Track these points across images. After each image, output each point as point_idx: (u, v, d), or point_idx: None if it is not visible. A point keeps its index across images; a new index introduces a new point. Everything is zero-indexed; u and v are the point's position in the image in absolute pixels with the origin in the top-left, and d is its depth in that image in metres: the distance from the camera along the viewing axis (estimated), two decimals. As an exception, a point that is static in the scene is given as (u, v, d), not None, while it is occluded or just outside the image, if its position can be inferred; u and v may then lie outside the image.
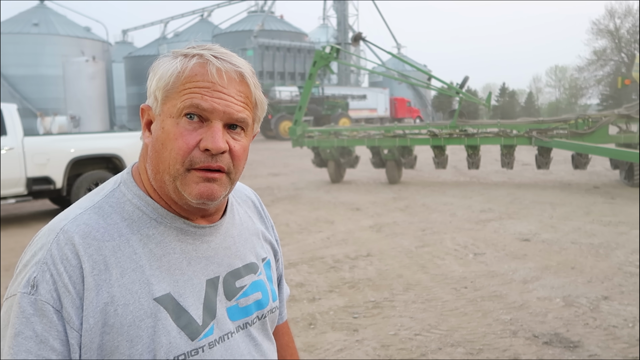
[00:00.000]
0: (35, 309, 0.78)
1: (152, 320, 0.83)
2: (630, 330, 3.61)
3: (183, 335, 0.85)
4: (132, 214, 0.88)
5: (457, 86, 13.36)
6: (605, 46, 43.04)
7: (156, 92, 0.87)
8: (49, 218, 8.81)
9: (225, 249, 0.97)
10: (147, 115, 0.91)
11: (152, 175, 0.89)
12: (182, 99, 0.84)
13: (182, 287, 0.88)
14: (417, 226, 7.14)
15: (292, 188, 11.31)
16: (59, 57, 37.44)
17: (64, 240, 0.82)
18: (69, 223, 0.84)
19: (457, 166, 13.81)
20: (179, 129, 0.84)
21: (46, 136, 11.42)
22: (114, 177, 0.96)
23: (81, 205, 0.89)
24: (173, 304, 0.85)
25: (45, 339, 0.77)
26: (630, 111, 10.14)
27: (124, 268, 0.83)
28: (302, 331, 3.82)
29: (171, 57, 0.89)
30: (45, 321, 0.78)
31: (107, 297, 0.81)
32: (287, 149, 15.62)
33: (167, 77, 0.86)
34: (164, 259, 0.87)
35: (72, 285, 0.79)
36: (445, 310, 4.12)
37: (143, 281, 0.84)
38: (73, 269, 0.80)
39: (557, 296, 4.32)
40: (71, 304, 0.79)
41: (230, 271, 0.96)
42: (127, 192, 0.90)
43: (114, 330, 0.80)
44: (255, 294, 0.99)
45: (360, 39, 13.59)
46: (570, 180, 11.17)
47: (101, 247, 0.83)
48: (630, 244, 5.84)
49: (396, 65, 34.07)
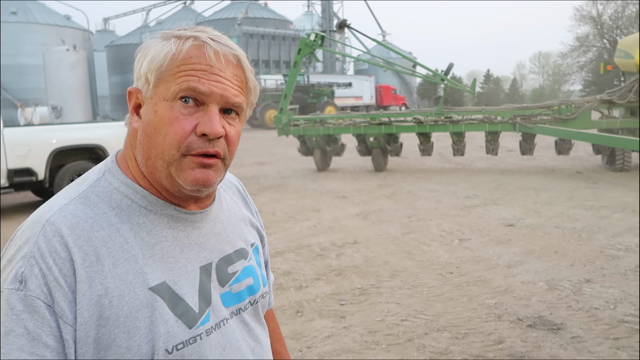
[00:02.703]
0: (25, 305, 0.75)
1: (148, 310, 0.81)
2: (611, 312, 3.69)
3: (180, 323, 0.83)
4: (121, 202, 0.86)
5: (442, 73, 13.38)
6: (588, 32, 43.38)
7: (148, 74, 0.84)
8: (31, 210, 8.69)
9: (215, 235, 0.95)
10: (134, 98, 0.88)
11: (142, 161, 0.86)
12: (178, 81, 0.81)
13: (177, 275, 0.86)
14: (403, 213, 7.18)
15: (278, 177, 11.29)
16: (39, 46, 36.68)
17: (51, 232, 0.78)
18: (55, 214, 0.81)
19: (443, 153, 13.89)
20: (173, 112, 0.82)
21: (27, 127, 11.23)
22: (97, 166, 0.92)
23: (65, 195, 0.86)
24: (169, 292, 0.84)
25: (38, 336, 0.74)
26: (612, 97, 10.26)
27: (116, 258, 0.81)
28: (290, 319, 3.83)
29: (162, 38, 0.85)
30: (36, 317, 0.75)
31: (101, 288, 0.78)
32: (272, 138, 15.57)
33: (160, 59, 0.83)
34: (157, 247, 0.85)
35: (63, 279, 0.76)
36: (431, 296, 4.16)
37: (137, 271, 0.82)
38: (63, 262, 0.77)
39: (541, 280, 4.39)
40: (63, 298, 0.76)
41: (222, 257, 0.95)
42: (114, 181, 0.87)
43: (109, 322, 0.78)
44: (247, 280, 0.98)
45: (344, 26, 13.51)
46: (554, 166, 11.30)
47: (91, 237, 0.80)
48: (611, 228, 5.94)
49: (381, 53, 34.02)
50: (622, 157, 9.98)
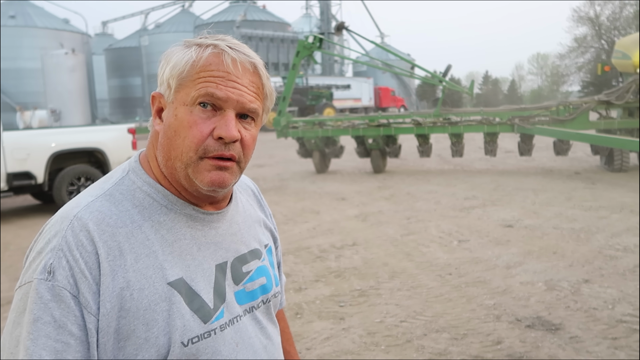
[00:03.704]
0: (52, 295, 0.79)
1: (166, 304, 0.85)
2: (609, 312, 3.70)
3: (196, 318, 0.87)
4: (143, 201, 0.90)
5: (440, 75, 13.41)
6: (585, 33, 43.48)
7: (170, 79, 0.88)
8: (30, 213, 8.71)
9: (231, 235, 0.99)
10: (157, 102, 0.93)
11: (162, 162, 0.91)
12: (197, 87, 0.86)
13: (194, 271, 0.90)
14: (402, 214, 7.19)
15: (278, 179, 11.30)
16: (38, 49, 36.75)
17: (78, 227, 0.83)
18: (82, 210, 0.85)
19: (441, 154, 13.91)
20: (192, 117, 0.86)
21: (26, 131, 11.24)
22: (121, 165, 0.97)
23: (91, 193, 0.90)
24: (186, 288, 0.88)
25: (64, 324, 0.79)
26: (610, 97, 10.29)
27: (138, 253, 0.85)
28: (289, 321, 3.84)
29: (184, 46, 0.90)
30: (63, 306, 0.79)
31: (123, 282, 0.82)
32: (271, 140, 15.58)
33: (181, 66, 0.87)
34: (176, 245, 0.89)
35: (88, 271, 0.81)
36: (430, 297, 4.17)
37: (157, 266, 0.86)
38: (89, 255, 0.81)
39: (540, 280, 4.40)
40: (88, 289, 0.80)
41: (237, 256, 0.98)
42: (137, 180, 0.92)
43: (130, 314, 0.82)
44: (260, 279, 1.02)
45: (343, 29, 13.55)
46: (552, 167, 11.32)
47: (115, 233, 0.85)
48: (610, 228, 5.96)
49: (380, 55, 34.04)
50: (620, 157, 10.01)
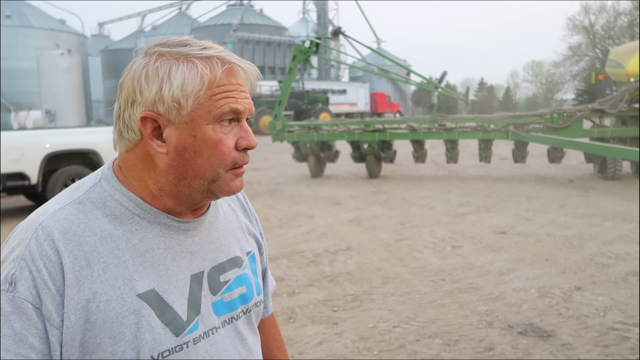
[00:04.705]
0: (13, 307, 0.76)
1: (135, 317, 0.82)
2: (601, 320, 3.72)
3: (167, 331, 0.85)
4: (115, 209, 0.87)
5: (436, 81, 13.47)
6: (580, 42, 43.79)
7: (180, 99, 0.83)
8: (23, 214, 8.66)
9: (209, 243, 0.96)
10: (151, 122, 0.85)
11: (169, 182, 0.88)
12: (218, 104, 0.85)
13: (166, 282, 0.87)
14: (397, 220, 7.20)
15: (272, 183, 11.30)
16: (33, 50, 36.59)
17: (42, 236, 0.80)
18: (48, 218, 0.83)
19: (436, 160, 13.95)
20: (217, 134, 0.86)
21: (20, 131, 11.18)
22: (94, 173, 0.93)
23: (60, 200, 0.87)
24: (157, 299, 0.85)
25: (25, 337, 0.76)
26: (604, 106, 10.37)
27: (106, 264, 0.82)
28: (282, 325, 3.83)
29: (182, 60, 0.84)
30: (24, 319, 0.76)
31: (89, 293, 0.80)
32: (267, 144, 15.57)
33: (197, 84, 0.83)
34: (148, 255, 0.87)
35: (52, 282, 0.78)
36: (423, 303, 4.18)
37: (126, 277, 0.83)
38: (53, 265, 0.79)
39: (532, 287, 4.42)
40: (51, 301, 0.78)
41: (215, 265, 0.95)
42: (109, 188, 0.88)
43: (95, 327, 0.79)
44: (240, 288, 0.99)
45: (339, 34, 13.59)
46: (546, 174, 11.38)
47: (82, 242, 0.82)
48: (602, 236, 5.99)
49: (376, 60, 34.13)
50: (613, 165, 10.08)
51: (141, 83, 0.84)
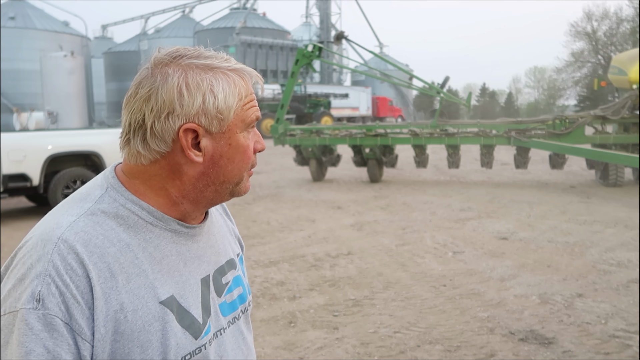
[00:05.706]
0: (44, 324, 0.75)
1: (160, 324, 0.84)
2: (602, 327, 3.70)
3: (188, 335, 0.87)
4: (128, 219, 0.87)
5: (438, 86, 13.49)
6: (582, 48, 43.81)
7: (225, 111, 0.87)
8: (25, 216, 8.67)
9: (210, 247, 0.99)
10: (192, 134, 0.87)
11: (198, 188, 0.90)
12: (248, 113, 0.91)
13: (182, 288, 0.90)
14: (398, 225, 7.20)
15: (274, 186, 11.30)
16: (37, 51, 36.67)
17: (65, 250, 0.79)
18: (66, 231, 0.81)
19: (438, 165, 13.95)
20: (246, 141, 0.92)
21: (23, 132, 11.21)
22: (97, 182, 0.92)
23: (70, 212, 0.86)
24: (177, 305, 0.87)
25: (58, 354, 0.75)
26: (606, 112, 10.36)
27: (128, 274, 0.83)
28: (283, 329, 3.83)
29: (218, 73, 0.88)
30: (56, 335, 0.76)
31: (117, 304, 0.80)
32: (268, 147, 15.52)
33: (236, 96, 0.89)
34: (164, 262, 0.88)
35: (80, 296, 0.78)
36: (424, 308, 4.17)
37: (148, 285, 0.85)
38: (80, 279, 0.78)
39: (533, 294, 4.40)
40: (81, 315, 0.78)
41: (217, 268, 0.99)
42: (119, 197, 0.88)
43: (124, 337, 0.80)
44: (238, 289, 1.04)
45: (342, 38, 13.62)
46: (548, 180, 11.37)
47: (104, 254, 0.82)
48: (604, 243, 5.98)
49: (378, 65, 34.19)
50: (615, 172, 10.06)
51: (183, 96, 0.85)
